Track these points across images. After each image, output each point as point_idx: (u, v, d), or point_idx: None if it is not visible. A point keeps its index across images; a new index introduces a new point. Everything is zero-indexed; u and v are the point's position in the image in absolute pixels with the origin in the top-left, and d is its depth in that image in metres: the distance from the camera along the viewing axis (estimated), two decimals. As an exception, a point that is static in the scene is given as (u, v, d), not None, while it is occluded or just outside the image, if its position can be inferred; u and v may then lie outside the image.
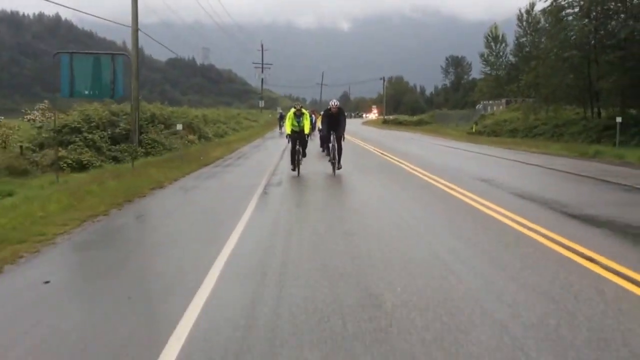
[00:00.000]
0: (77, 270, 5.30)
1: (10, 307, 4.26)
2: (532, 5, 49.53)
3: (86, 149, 21.20)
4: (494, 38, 63.81)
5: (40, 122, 26.84)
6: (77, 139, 21.49)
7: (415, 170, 13.68)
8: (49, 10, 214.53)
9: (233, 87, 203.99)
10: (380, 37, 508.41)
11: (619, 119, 21.93)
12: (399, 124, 63.66)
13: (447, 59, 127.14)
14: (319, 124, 20.03)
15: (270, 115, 61.96)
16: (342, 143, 13.36)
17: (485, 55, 64.30)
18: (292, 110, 13.80)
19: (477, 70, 73.97)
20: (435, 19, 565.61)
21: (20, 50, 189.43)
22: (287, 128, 13.68)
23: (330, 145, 13.59)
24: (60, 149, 20.52)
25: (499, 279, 4.70)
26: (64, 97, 14.66)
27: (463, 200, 9.06)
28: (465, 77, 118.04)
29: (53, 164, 19.65)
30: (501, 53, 63.34)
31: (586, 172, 13.47)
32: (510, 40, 59.56)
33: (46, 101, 30.01)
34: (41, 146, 21.44)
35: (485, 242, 6.16)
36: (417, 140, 32.20)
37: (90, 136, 21.80)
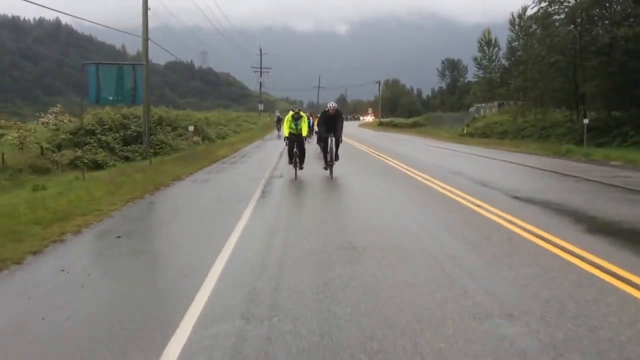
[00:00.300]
0: (137, 230, 7.18)
1: (95, 252, 6.16)
2: (524, 9, 51.46)
3: (100, 149, 23.03)
4: (486, 42, 65.99)
5: (53, 124, 28.72)
6: (92, 141, 23.32)
7: (397, 164, 15.56)
8: (49, 15, 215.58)
9: (231, 91, 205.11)
10: (378, 40, 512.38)
11: (586, 121, 23.95)
12: (394, 126, 65.63)
13: (443, 62, 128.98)
14: (316, 127, 21.14)
15: (268, 118, 63.99)
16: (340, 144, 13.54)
17: (479, 59, 66.52)
18: (290, 113, 13.99)
19: (472, 73, 75.98)
20: (431, 22, 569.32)
21: (21, 55, 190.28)
22: (285, 130, 13.85)
23: (329, 147, 13.48)
24: (76, 149, 22.44)
25: (442, 234, 6.61)
26: (91, 102, 16.57)
27: (431, 186, 10.98)
28: (462, 79, 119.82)
29: (71, 162, 21.56)
30: (494, 57, 65.55)
31: (549, 167, 15.42)
32: (504, 44, 61.73)
33: (58, 105, 31.93)
34: (59, 147, 23.27)
35: (439, 212, 8.08)
36: (408, 141, 34.12)
37: (103, 138, 23.65)
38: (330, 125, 13.45)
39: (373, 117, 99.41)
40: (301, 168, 13.62)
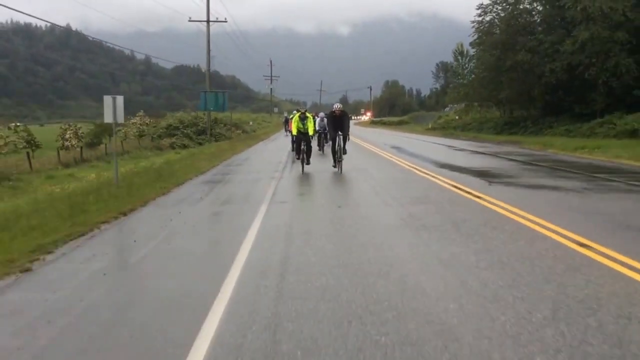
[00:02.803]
0: (256, 152, 23.33)
1: (247, 156, 22.30)
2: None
3: (184, 138, 39.10)
4: (460, 53, 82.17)
5: (139, 124, 44.61)
6: (178, 133, 39.42)
7: (359, 142, 31.44)
8: (60, 21, 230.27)
9: (237, 93, 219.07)
10: (379, 42, 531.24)
11: (457, 117, 40.74)
12: (383, 124, 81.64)
13: (437, 65, 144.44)
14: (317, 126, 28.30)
15: (280, 118, 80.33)
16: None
17: (454, 67, 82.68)
18: (297, 114, 16.48)
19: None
20: (432, 23, 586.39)
21: (34, 61, 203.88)
22: (294, 129, 16.45)
23: (337, 145, 15.56)
24: (171, 137, 38.58)
25: (390, 185, 22.63)
26: (201, 110, 32.73)
27: (370, 148, 26.95)
28: (455, 81, 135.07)
29: (170, 145, 37.62)
30: (466, 65, 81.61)
31: (432, 141, 31.41)
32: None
33: (142, 111, 47.87)
34: (160, 136, 39.39)
35: (368, 157, 24.09)
36: (382, 133, 50.27)
37: (185, 131, 39.74)
38: (337, 124, 15.59)
39: (369, 117, 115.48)
40: (308, 163, 15.97)
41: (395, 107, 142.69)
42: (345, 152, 15.74)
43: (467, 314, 3.96)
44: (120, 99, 12.07)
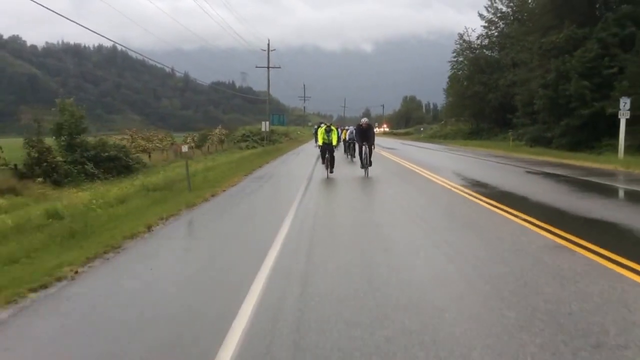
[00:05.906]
0: (306, 147, 46.89)
1: (299, 151, 46.09)
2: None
3: (253, 142, 63.00)
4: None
5: (219, 134, 68.53)
6: (249, 139, 63.47)
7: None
8: (107, 42, 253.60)
9: (270, 107, 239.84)
10: (400, 58, 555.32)
11: (421, 129, 63.88)
12: (394, 134, 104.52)
13: (447, 83, 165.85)
14: (343, 137, 33.43)
15: (311, 130, 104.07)
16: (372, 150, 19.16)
17: (447, 89, 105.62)
18: (323, 126, 20.07)
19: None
20: (450, 41, 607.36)
21: (83, 78, 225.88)
22: (319, 140, 19.80)
23: (363, 154, 18.71)
24: (245, 142, 62.69)
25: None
26: (271, 124, 56.99)
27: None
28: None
29: (246, 147, 61.68)
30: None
31: (408, 143, 54.61)
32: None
33: (220, 125, 71.98)
34: (238, 141, 63.37)
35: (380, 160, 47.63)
36: (383, 140, 73.32)
37: (253, 138, 63.78)
38: (364, 136, 19.04)
39: (386, 129, 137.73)
40: (331, 172, 18.65)
41: (411, 120, 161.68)
42: (370, 164, 18.82)
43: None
44: (267, 123, 36.15)
